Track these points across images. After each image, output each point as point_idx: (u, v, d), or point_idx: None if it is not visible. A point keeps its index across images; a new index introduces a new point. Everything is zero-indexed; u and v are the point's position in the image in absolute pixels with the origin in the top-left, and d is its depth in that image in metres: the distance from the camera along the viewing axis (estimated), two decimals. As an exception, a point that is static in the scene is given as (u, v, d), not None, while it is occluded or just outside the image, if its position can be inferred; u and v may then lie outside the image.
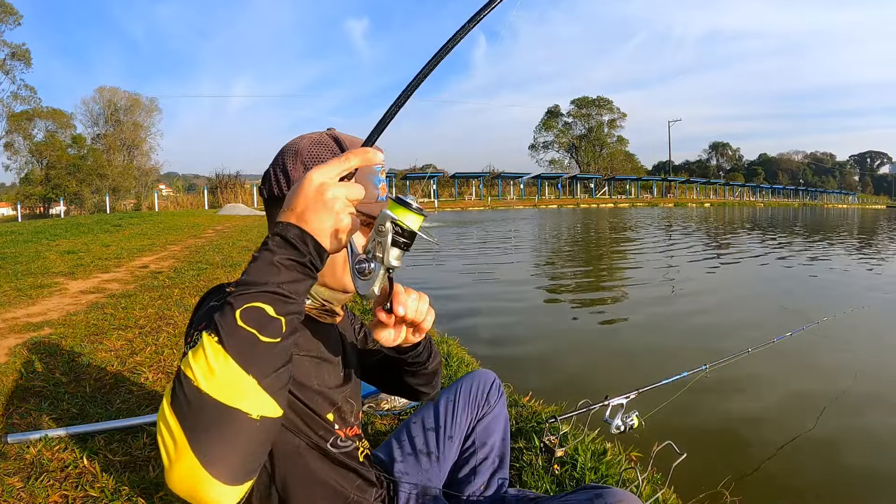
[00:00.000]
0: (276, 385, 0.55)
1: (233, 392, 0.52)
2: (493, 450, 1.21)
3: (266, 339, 0.54)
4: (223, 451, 0.51)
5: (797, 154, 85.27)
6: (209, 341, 0.53)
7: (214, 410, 0.51)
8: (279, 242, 0.57)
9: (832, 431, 2.44)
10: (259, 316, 0.54)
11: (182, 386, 0.53)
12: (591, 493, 0.89)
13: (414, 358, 0.88)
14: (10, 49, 31.67)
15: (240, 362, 0.53)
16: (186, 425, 0.51)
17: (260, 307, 0.54)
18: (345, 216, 0.60)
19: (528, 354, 3.54)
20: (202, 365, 0.53)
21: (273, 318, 0.55)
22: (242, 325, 0.53)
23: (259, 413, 0.53)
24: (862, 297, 5.34)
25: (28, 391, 2.22)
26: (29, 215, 29.56)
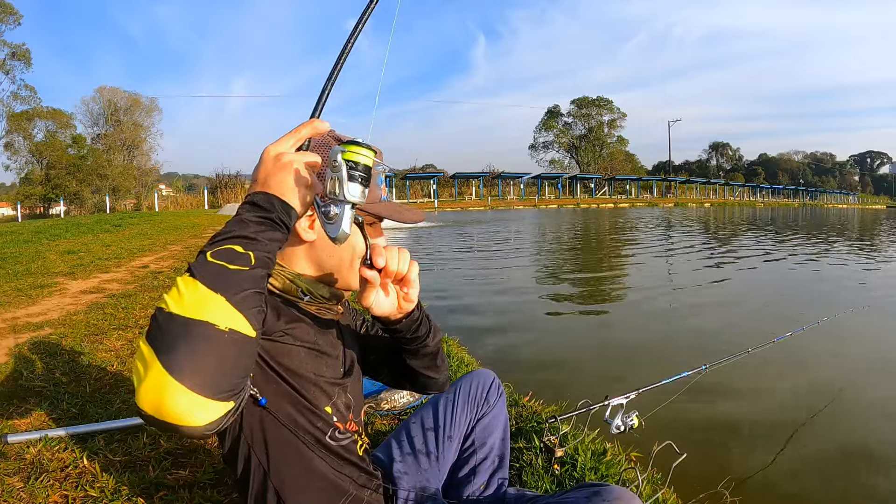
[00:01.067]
0: (247, 304, 0.56)
1: (200, 307, 0.54)
2: (492, 450, 1.21)
3: (234, 267, 0.57)
4: (192, 361, 0.51)
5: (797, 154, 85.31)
6: (181, 278, 0.56)
7: (181, 325, 0.53)
8: (247, 207, 0.63)
9: (832, 432, 2.44)
10: (228, 252, 0.58)
11: (155, 317, 0.55)
12: (590, 491, 0.90)
13: (412, 333, 0.87)
14: (10, 49, 31.69)
15: (208, 285, 0.55)
16: (156, 345, 0.52)
17: (230, 248, 0.58)
18: (304, 172, 0.65)
19: (528, 354, 3.54)
20: (173, 294, 0.55)
21: (241, 254, 0.58)
22: (212, 261, 0.57)
23: (227, 325, 0.54)
24: (862, 297, 5.34)
25: (28, 391, 2.22)
26: (29, 215, 29.55)
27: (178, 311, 0.53)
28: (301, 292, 0.84)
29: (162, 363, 0.51)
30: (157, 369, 0.50)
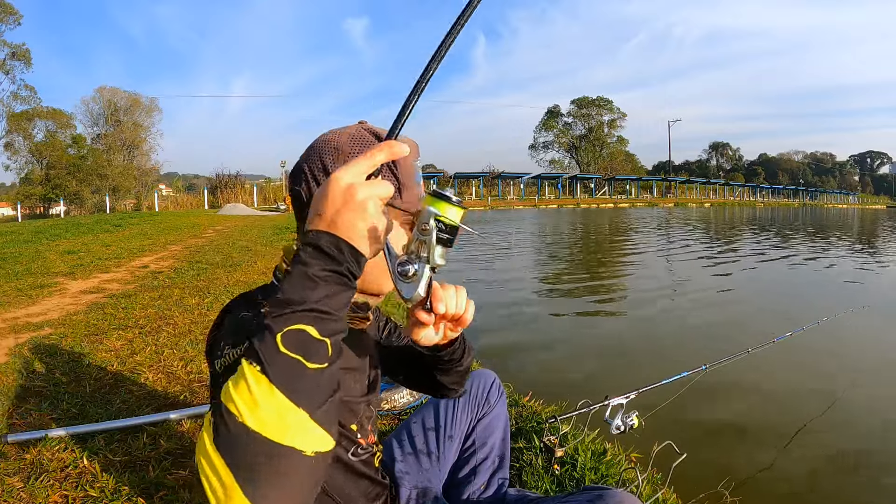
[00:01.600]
0: (328, 416, 0.50)
1: (283, 428, 0.47)
2: (493, 450, 1.20)
3: (313, 366, 0.49)
4: (277, 493, 0.47)
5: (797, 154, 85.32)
6: (251, 371, 0.48)
7: (264, 449, 0.47)
8: (312, 253, 0.53)
9: (832, 432, 2.44)
10: (303, 339, 0.50)
11: (226, 422, 0.48)
12: (592, 495, 0.89)
13: (450, 355, 0.83)
14: (10, 49, 31.72)
15: (288, 394, 0.48)
16: (235, 466, 0.47)
17: (302, 329, 0.50)
18: (379, 217, 0.55)
19: (528, 354, 3.53)
20: (246, 398, 0.48)
21: (317, 341, 0.50)
22: (286, 352, 0.49)
23: (313, 449, 0.49)
24: (862, 297, 5.34)
25: (28, 391, 2.22)
26: (29, 215, 29.56)
27: (257, 429, 0.47)
28: None
29: (246, 494, 0.46)
30: (238, 499, 0.46)
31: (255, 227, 12.07)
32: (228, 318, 0.72)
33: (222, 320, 0.74)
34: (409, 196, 0.77)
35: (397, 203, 0.76)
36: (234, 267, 5.72)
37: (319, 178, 0.76)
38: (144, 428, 1.86)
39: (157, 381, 2.35)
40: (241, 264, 5.92)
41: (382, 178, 0.71)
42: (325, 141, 0.77)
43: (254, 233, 10.56)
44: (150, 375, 2.40)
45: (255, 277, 5.03)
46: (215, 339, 0.70)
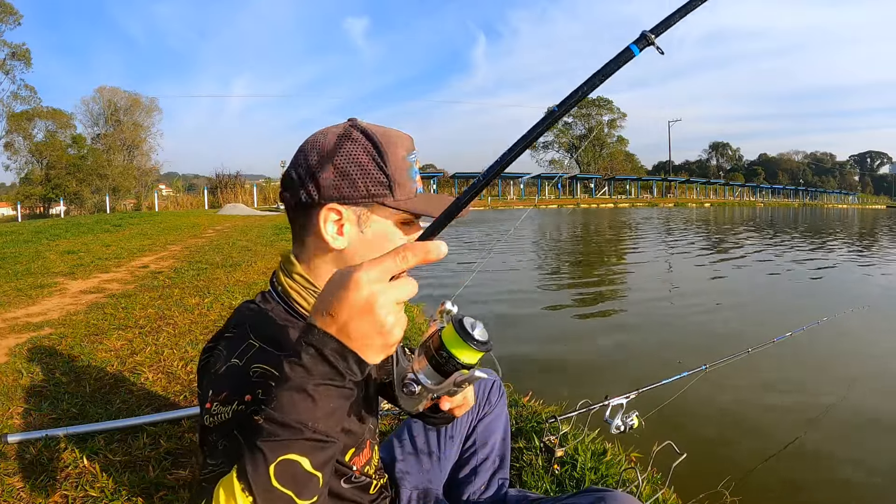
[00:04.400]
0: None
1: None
2: (493, 450, 1.20)
3: (303, 502, 0.49)
4: None
5: (797, 154, 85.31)
6: (242, 499, 0.48)
7: None
8: (314, 359, 0.48)
9: (832, 431, 2.44)
10: (295, 473, 0.48)
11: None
12: (593, 497, 0.88)
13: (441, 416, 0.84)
14: (10, 49, 31.69)
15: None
16: None
17: (295, 461, 0.48)
18: (397, 330, 0.49)
19: (529, 354, 3.53)
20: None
21: (310, 475, 0.48)
22: (277, 486, 0.47)
23: None
24: (862, 297, 5.34)
25: (28, 391, 2.22)
26: (29, 215, 29.55)
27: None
28: None
29: None
30: None
31: (255, 227, 12.07)
32: (213, 360, 0.68)
33: (208, 359, 0.70)
34: (401, 193, 0.74)
35: (388, 202, 0.73)
36: (234, 267, 5.72)
37: (306, 182, 0.72)
38: (144, 428, 1.86)
39: (157, 381, 2.35)
40: (241, 264, 5.92)
41: (370, 172, 0.72)
42: (312, 142, 0.74)
43: (254, 233, 10.56)
44: (150, 375, 2.40)
45: (255, 277, 5.03)
46: (202, 385, 0.68)
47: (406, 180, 0.75)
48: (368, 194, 0.72)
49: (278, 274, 0.78)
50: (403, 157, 0.75)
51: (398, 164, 0.74)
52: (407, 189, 0.75)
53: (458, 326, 0.54)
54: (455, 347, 0.53)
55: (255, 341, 0.67)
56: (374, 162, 0.72)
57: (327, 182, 0.71)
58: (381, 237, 0.75)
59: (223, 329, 0.74)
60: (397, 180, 0.74)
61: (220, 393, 0.62)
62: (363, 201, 0.72)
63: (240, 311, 0.76)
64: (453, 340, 0.53)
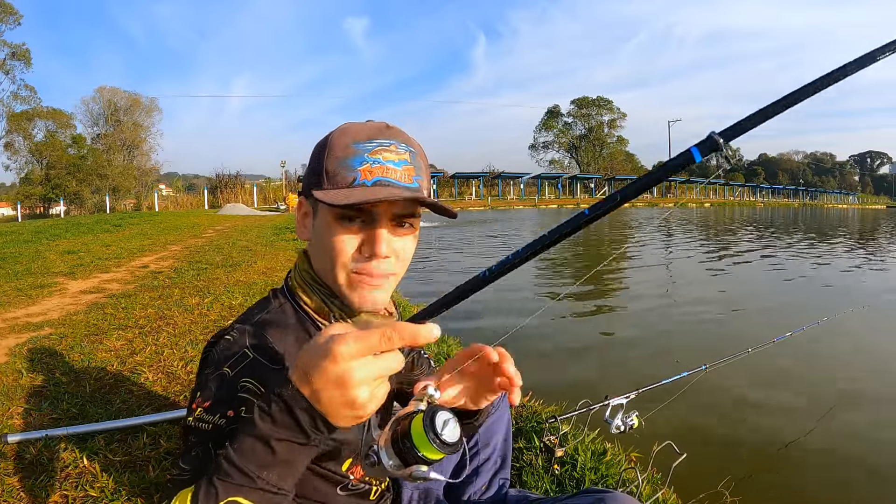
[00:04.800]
0: None
1: None
2: (495, 450, 1.20)
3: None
4: None
5: (797, 154, 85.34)
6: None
7: None
8: (283, 413, 0.48)
9: (832, 431, 2.44)
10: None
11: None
12: (593, 498, 0.88)
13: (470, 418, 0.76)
14: (10, 49, 31.71)
15: None
16: None
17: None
18: (371, 405, 0.48)
19: (529, 354, 3.53)
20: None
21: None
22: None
23: None
24: (862, 297, 5.34)
25: (28, 391, 2.22)
26: (29, 215, 29.57)
27: None
28: (333, 317, 0.74)
29: None
30: None
31: (255, 228, 12.07)
32: (210, 359, 0.69)
33: (208, 355, 0.70)
34: (331, 184, 0.69)
35: (317, 193, 0.69)
36: (234, 267, 5.72)
37: (310, 178, 0.74)
38: (144, 428, 1.86)
39: (157, 381, 2.35)
40: (241, 264, 5.92)
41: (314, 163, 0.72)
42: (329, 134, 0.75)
43: (254, 233, 10.56)
44: (150, 375, 2.40)
45: (255, 277, 5.03)
46: (197, 379, 0.69)
47: (340, 168, 0.69)
48: (309, 184, 0.73)
49: (294, 276, 0.79)
50: (347, 144, 0.70)
51: (334, 152, 0.70)
52: (339, 179, 0.69)
53: (427, 422, 0.52)
54: (419, 441, 0.52)
55: (249, 351, 0.67)
56: (318, 155, 0.73)
57: (305, 178, 0.76)
58: (322, 231, 0.72)
59: (233, 323, 0.75)
60: (329, 169, 0.70)
61: (207, 400, 0.63)
62: (308, 192, 0.74)
63: (250, 310, 0.78)
64: (420, 434, 0.52)
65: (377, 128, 0.72)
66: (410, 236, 0.75)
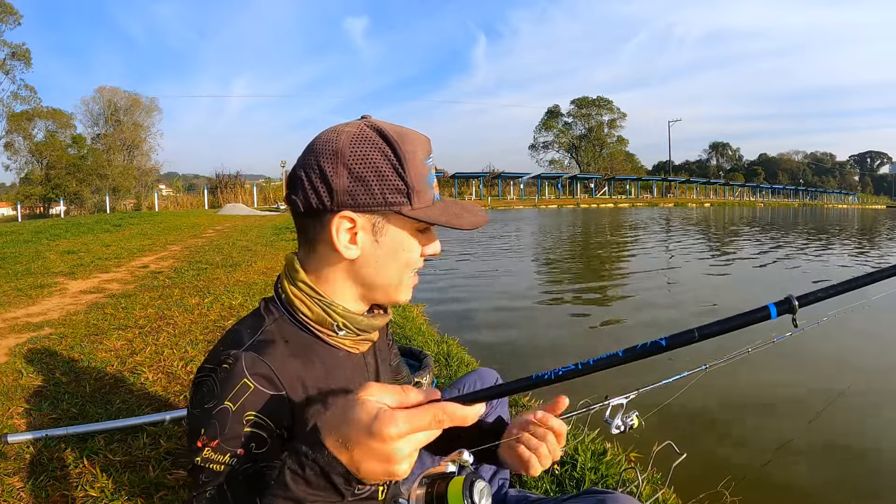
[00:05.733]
0: None
1: None
2: (494, 450, 1.20)
3: None
4: None
5: (797, 154, 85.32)
6: None
7: None
8: (318, 476, 0.47)
9: (832, 431, 2.44)
10: None
11: None
12: (594, 499, 0.88)
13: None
14: (10, 49, 31.73)
15: None
16: None
17: None
18: (406, 468, 0.48)
19: (528, 354, 3.54)
20: None
21: None
22: None
23: None
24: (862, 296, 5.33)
25: (28, 391, 2.22)
26: (29, 215, 29.57)
27: None
28: (336, 327, 0.73)
29: None
30: None
31: (255, 228, 12.07)
32: (207, 392, 0.65)
33: (202, 383, 0.67)
34: (419, 201, 0.69)
35: (406, 211, 0.68)
36: (234, 267, 5.72)
37: (319, 187, 0.67)
38: (144, 428, 1.86)
39: (157, 381, 2.35)
40: (241, 264, 5.92)
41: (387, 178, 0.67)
42: (324, 142, 0.68)
43: (254, 233, 10.57)
44: (150, 375, 2.40)
45: (255, 277, 5.03)
46: (196, 412, 0.65)
47: (424, 187, 0.69)
48: (385, 202, 0.67)
49: (282, 280, 0.75)
50: (422, 161, 0.69)
51: (417, 170, 0.68)
52: (425, 196, 0.69)
53: (467, 491, 0.54)
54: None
55: (250, 381, 0.64)
56: (391, 167, 0.67)
57: (341, 187, 0.66)
58: (397, 246, 0.71)
59: (221, 349, 0.69)
60: (416, 188, 0.68)
61: (213, 438, 0.62)
62: (379, 209, 0.68)
63: (243, 330, 0.72)
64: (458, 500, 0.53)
65: (426, 140, 0.72)
66: None
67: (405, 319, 3.51)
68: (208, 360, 0.69)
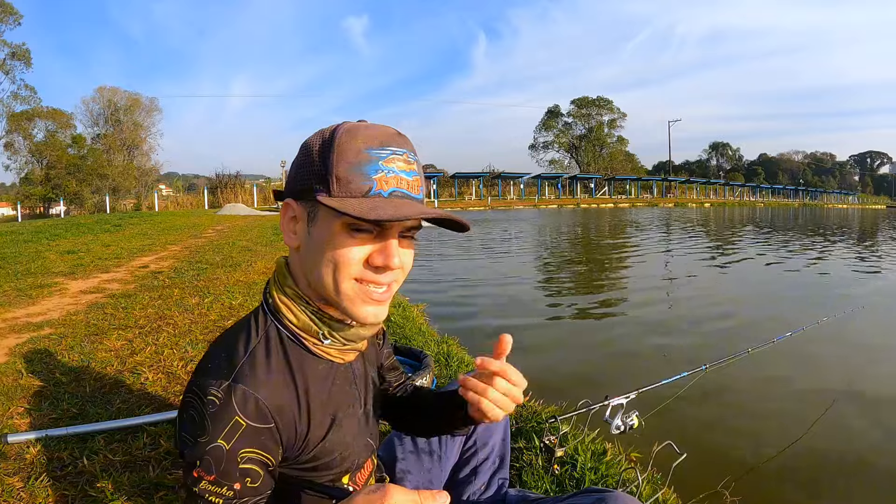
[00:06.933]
0: None
1: None
2: (493, 450, 1.20)
3: None
4: None
5: (797, 154, 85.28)
6: None
7: None
8: None
9: (832, 431, 2.44)
10: None
11: None
12: (594, 498, 0.88)
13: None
14: (10, 49, 31.68)
15: None
16: None
17: None
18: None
19: (529, 354, 3.53)
20: None
21: None
22: None
23: None
24: (861, 297, 5.34)
25: (28, 391, 2.22)
26: (29, 215, 29.55)
27: None
28: (322, 335, 0.72)
29: None
30: None
31: (255, 227, 12.07)
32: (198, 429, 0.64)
33: (191, 409, 0.65)
34: (342, 190, 0.64)
35: (322, 197, 0.64)
36: (234, 267, 5.72)
37: (307, 179, 0.68)
38: (144, 428, 1.86)
39: (157, 381, 2.35)
40: (241, 264, 5.92)
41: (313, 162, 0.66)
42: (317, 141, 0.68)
43: (254, 233, 10.56)
44: (150, 375, 2.40)
45: (255, 277, 5.03)
46: (184, 438, 0.65)
47: (353, 175, 0.64)
48: (308, 188, 0.66)
49: (271, 286, 0.74)
50: (360, 149, 0.64)
51: (345, 156, 0.64)
52: (353, 186, 0.64)
53: None
54: None
55: (241, 419, 0.64)
56: (320, 153, 0.66)
57: (290, 176, 0.71)
58: (322, 240, 0.67)
59: (210, 374, 0.67)
60: (338, 173, 0.64)
61: (210, 473, 0.63)
62: (306, 196, 0.67)
63: (226, 351, 0.69)
64: None
65: (389, 134, 0.67)
66: (412, 248, 0.73)
67: (405, 319, 3.51)
68: (197, 382, 0.66)
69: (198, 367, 0.70)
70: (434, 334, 3.29)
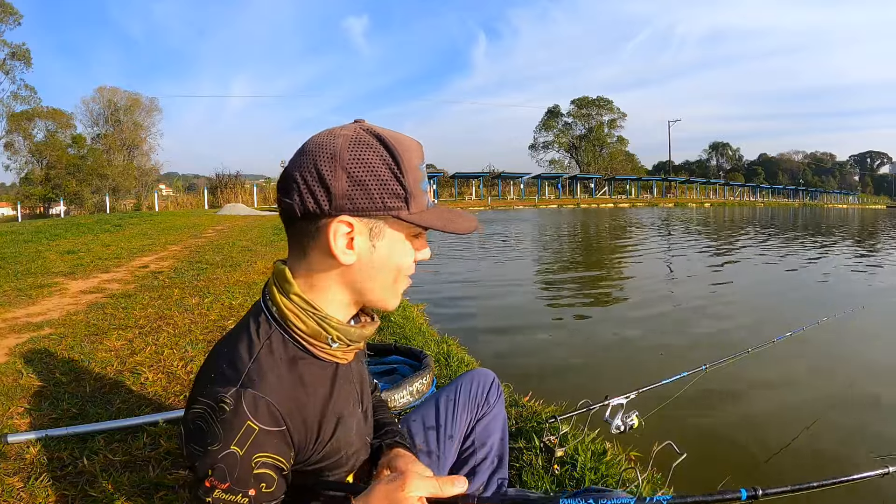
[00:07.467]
0: None
1: None
2: (492, 450, 1.20)
3: None
4: None
5: (797, 154, 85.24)
6: None
7: None
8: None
9: (833, 431, 2.44)
10: None
11: None
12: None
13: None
14: (10, 49, 31.67)
15: None
16: None
17: None
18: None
19: (528, 354, 3.53)
20: None
21: None
22: None
23: None
24: (861, 297, 5.34)
25: (28, 391, 2.22)
26: (29, 215, 29.56)
27: None
28: (330, 340, 0.73)
29: None
30: None
31: (255, 227, 12.07)
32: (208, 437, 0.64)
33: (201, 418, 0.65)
34: (416, 206, 0.70)
35: (403, 215, 0.69)
36: (234, 267, 5.72)
37: (316, 191, 0.66)
38: (144, 428, 1.86)
39: (157, 381, 2.35)
40: (241, 264, 5.92)
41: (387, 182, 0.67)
42: (319, 145, 0.67)
43: (254, 233, 10.57)
44: (150, 375, 2.40)
45: (255, 277, 5.03)
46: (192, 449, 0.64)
47: (419, 192, 0.70)
48: (385, 207, 0.68)
49: (272, 292, 0.72)
50: (417, 166, 0.70)
51: (413, 175, 0.69)
52: (420, 201, 0.70)
53: None
54: None
55: (253, 423, 0.64)
56: (390, 171, 0.67)
57: (340, 191, 0.66)
58: (392, 251, 0.72)
59: (216, 382, 0.66)
60: (413, 192, 0.69)
61: (224, 481, 0.63)
62: (378, 214, 0.68)
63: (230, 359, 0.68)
64: None
65: (419, 145, 0.73)
66: None
67: (405, 319, 3.51)
68: (202, 392, 0.66)
69: (199, 378, 0.69)
70: (434, 334, 3.29)
